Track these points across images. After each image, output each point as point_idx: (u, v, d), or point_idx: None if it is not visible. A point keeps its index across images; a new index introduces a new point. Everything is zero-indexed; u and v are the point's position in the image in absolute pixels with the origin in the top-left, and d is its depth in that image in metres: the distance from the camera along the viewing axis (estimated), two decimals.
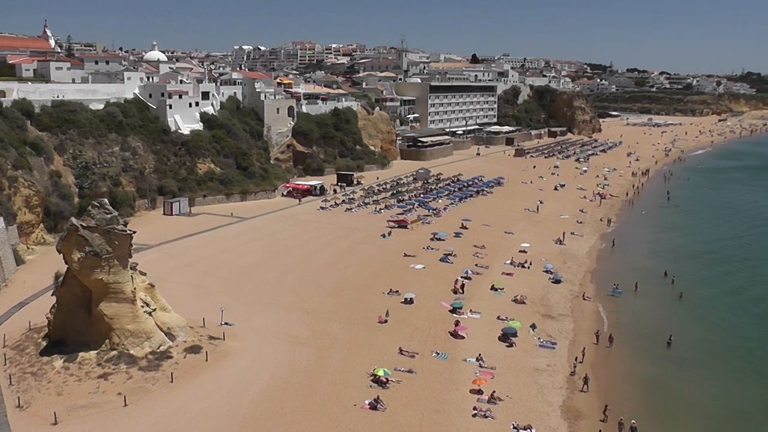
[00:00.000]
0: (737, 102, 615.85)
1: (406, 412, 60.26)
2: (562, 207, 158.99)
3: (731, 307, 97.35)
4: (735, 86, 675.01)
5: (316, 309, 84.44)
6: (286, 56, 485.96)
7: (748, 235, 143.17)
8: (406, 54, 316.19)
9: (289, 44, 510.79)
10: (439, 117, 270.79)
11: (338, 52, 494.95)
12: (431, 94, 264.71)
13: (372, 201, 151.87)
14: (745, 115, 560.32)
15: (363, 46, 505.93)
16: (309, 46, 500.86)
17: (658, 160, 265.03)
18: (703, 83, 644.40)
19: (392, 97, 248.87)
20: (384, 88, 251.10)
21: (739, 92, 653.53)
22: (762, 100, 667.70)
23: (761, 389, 72.31)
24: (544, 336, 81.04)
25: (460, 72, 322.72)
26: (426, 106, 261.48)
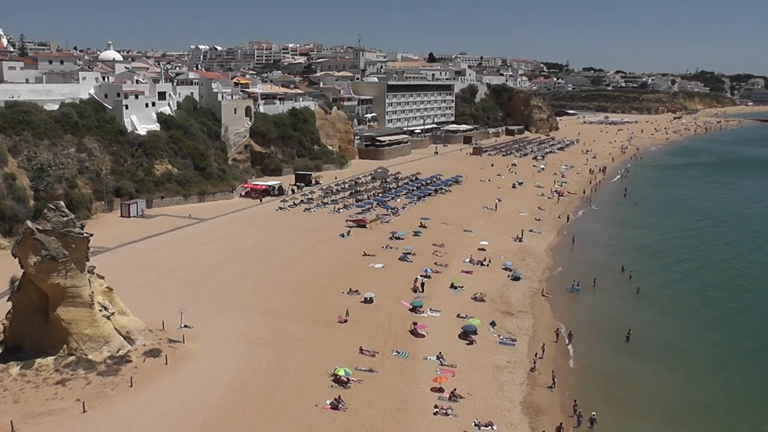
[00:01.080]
0: (692, 100, 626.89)
1: (367, 412, 60.33)
2: (521, 205, 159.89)
3: (688, 301, 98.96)
4: (689, 85, 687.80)
5: (276, 309, 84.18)
6: (242, 56, 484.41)
7: (704, 230, 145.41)
8: (363, 53, 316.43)
9: (246, 44, 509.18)
10: (397, 116, 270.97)
11: (295, 51, 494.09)
12: (389, 93, 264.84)
13: (330, 201, 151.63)
14: (700, 113, 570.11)
15: (320, 45, 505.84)
16: (266, 46, 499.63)
17: (615, 158, 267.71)
18: (658, 82, 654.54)
19: (350, 97, 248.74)
20: (341, 87, 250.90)
21: (693, 91, 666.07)
22: (716, 98, 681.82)
23: (718, 380, 73.72)
24: (504, 333, 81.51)
25: (418, 71, 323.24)
26: (384, 105, 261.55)
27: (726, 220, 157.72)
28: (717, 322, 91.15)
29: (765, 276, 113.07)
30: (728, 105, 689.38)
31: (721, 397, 69.79)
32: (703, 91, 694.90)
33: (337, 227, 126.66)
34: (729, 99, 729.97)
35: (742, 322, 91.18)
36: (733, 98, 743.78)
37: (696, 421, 64.87)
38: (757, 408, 68.04)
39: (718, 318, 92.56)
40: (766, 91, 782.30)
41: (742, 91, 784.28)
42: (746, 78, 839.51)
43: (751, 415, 66.68)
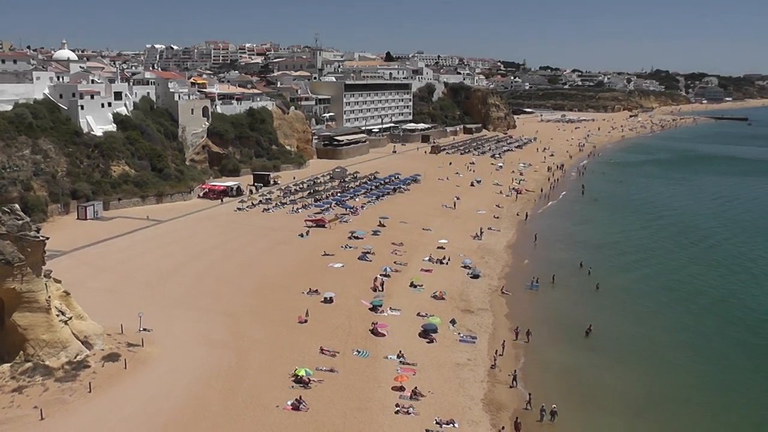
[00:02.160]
0: (647, 98, 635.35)
1: (328, 412, 60.34)
2: (479, 203, 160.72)
3: (647, 296, 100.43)
4: (645, 83, 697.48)
5: (236, 311, 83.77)
6: (199, 56, 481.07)
7: (662, 227, 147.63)
8: (321, 53, 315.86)
9: (203, 44, 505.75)
10: (355, 115, 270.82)
11: (252, 51, 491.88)
12: (346, 93, 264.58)
13: (289, 201, 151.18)
14: (655, 111, 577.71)
15: (277, 45, 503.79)
16: (222, 46, 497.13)
17: (573, 155, 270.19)
18: (614, 80, 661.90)
19: (307, 96, 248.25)
20: (299, 87, 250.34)
21: (648, 89, 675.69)
22: (671, 97, 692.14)
23: (678, 373, 74.89)
24: (464, 331, 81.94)
25: (375, 70, 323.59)
26: (341, 104, 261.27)
27: (683, 216, 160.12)
28: (676, 316, 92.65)
29: (723, 271, 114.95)
30: (683, 103, 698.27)
31: (681, 390, 70.92)
32: (658, 89, 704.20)
33: (296, 227, 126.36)
34: (684, 97, 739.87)
35: (701, 317, 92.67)
36: (687, 96, 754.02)
37: (655, 414, 65.73)
38: (716, 400, 69.23)
39: (677, 312, 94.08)
40: (720, 89, 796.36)
41: (697, 90, 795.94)
42: (700, 77, 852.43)
43: (710, 407, 67.82)
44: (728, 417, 65.90)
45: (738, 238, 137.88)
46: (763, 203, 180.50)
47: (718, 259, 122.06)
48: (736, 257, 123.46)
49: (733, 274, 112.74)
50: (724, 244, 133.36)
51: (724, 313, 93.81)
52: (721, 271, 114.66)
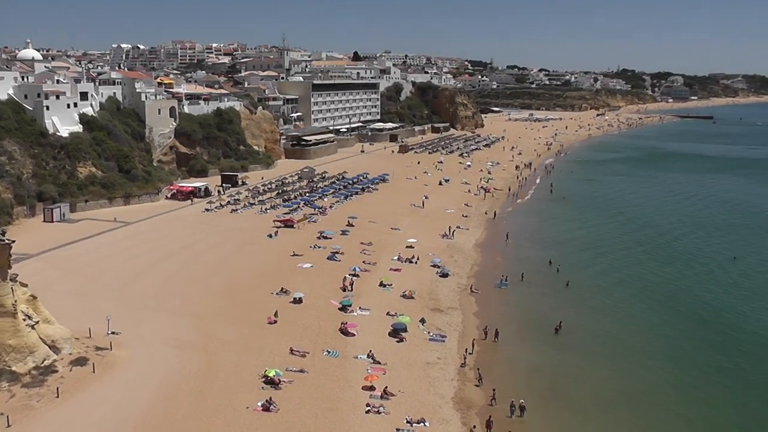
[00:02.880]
0: (614, 97, 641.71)
1: (299, 412, 60.28)
2: (448, 202, 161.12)
3: (616, 292, 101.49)
4: (611, 82, 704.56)
5: (205, 312, 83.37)
6: (166, 55, 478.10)
7: (629, 223, 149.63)
8: (288, 53, 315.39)
9: (169, 43, 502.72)
10: (323, 115, 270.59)
11: (219, 51, 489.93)
12: (314, 93, 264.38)
13: (257, 201, 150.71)
14: (622, 110, 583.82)
15: (244, 45, 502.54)
16: (189, 46, 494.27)
17: (541, 154, 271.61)
18: (581, 80, 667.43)
19: (275, 96, 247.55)
20: (266, 87, 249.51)
21: (615, 88, 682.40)
22: (637, 95, 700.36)
23: (647, 369, 75.78)
24: (433, 330, 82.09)
25: (342, 70, 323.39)
26: (309, 104, 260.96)
27: (650, 213, 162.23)
28: (644, 312, 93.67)
29: (689, 266, 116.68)
30: (649, 102, 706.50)
31: (650, 385, 71.67)
32: (624, 88, 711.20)
33: (265, 228, 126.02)
34: (650, 96, 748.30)
35: (669, 312, 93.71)
36: (654, 95, 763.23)
37: (625, 409, 66.47)
38: (683, 394, 70.10)
39: (645, 309, 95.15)
40: (686, 88, 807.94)
41: (663, 89, 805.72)
42: (666, 76, 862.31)
43: (678, 401, 68.61)
44: (693, 412, 66.77)
45: (703, 235, 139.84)
46: (723, 200, 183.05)
47: (683, 255, 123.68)
48: (699, 253, 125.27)
49: (696, 271, 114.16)
50: (689, 241, 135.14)
51: (690, 310, 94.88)
52: (685, 267, 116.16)
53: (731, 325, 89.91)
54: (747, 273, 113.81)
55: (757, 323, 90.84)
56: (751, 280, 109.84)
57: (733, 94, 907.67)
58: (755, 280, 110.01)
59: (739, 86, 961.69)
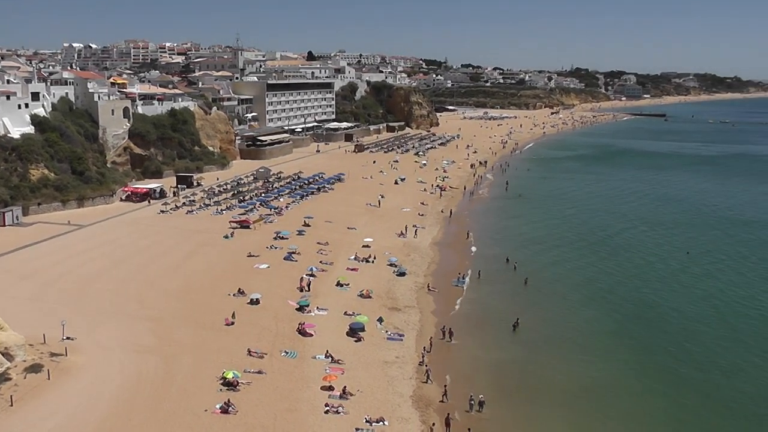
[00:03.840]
0: (568, 96, 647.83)
1: (258, 414, 60.13)
2: (404, 200, 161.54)
3: (574, 289, 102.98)
4: (565, 81, 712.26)
5: (162, 315, 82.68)
6: (118, 55, 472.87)
7: (585, 220, 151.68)
8: (242, 52, 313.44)
9: (122, 42, 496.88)
10: (278, 115, 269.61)
11: (173, 51, 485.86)
12: (269, 93, 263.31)
13: (213, 202, 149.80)
14: (576, 108, 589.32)
15: (198, 45, 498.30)
16: (142, 45, 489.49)
17: (496, 152, 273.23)
18: (535, 78, 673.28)
19: (229, 97, 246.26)
20: (221, 87, 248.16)
21: (569, 87, 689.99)
22: (590, 94, 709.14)
23: (604, 364, 76.80)
24: (391, 329, 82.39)
25: (297, 69, 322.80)
26: (264, 104, 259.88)
27: (606, 209, 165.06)
28: (601, 307, 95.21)
29: (645, 262, 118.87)
30: (603, 100, 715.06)
31: (608, 379, 72.98)
32: (578, 87, 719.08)
33: (221, 229, 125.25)
34: (603, 94, 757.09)
35: (626, 307, 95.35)
36: (607, 94, 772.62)
37: (583, 403, 67.55)
38: (641, 387, 71.21)
39: (603, 303, 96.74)
40: (638, 87, 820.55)
41: (616, 87, 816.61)
42: (619, 74, 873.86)
43: (636, 394, 69.92)
44: (652, 404, 67.78)
45: (658, 231, 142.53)
46: (677, 196, 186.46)
47: (639, 251, 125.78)
48: (654, 249, 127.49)
49: (652, 267, 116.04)
50: (644, 237, 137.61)
51: (646, 305, 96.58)
52: (641, 263, 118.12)
53: (689, 318, 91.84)
54: (700, 267, 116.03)
55: (714, 316, 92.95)
56: (704, 274, 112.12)
57: (685, 92, 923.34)
58: (708, 274, 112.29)
59: (690, 85, 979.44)
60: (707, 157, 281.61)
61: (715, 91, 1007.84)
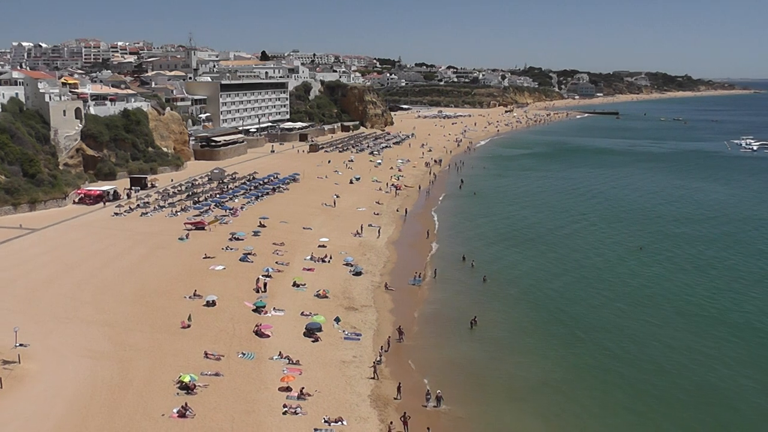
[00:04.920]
0: (521, 94, 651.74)
1: (215, 416, 60.00)
2: (359, 200, 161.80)
3: (531, 285, 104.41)
4: (519, 80, 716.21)
5: (117, 320, 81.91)
6: (69, 54, 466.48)
7: (540, 217, 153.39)
8: (195, 52, 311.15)
9: (73, 42, 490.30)
10: (232, 115, 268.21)
11: (125, 50, 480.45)
12: (222, 93, 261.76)
13: (168, 204, 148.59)
14: (530, 107, 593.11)
15: (150, 44, 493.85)
16: (94, 44, 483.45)
17: (450, 151, 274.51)
18: (488, 77, 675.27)
19: (183, 97, 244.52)
20: (174, 87, 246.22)
21: (522, 85, 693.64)
22: (544, 92, 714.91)
23: (562, 359, 78.08)
24: (348, 328, 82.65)
25: (251, 69, 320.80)
26: (218, 104, 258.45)
27: (560, 205, 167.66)
28: (558, 303, 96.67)
29: (600, 257, 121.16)
30: (556, 99, 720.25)
31: (565, 374, 74.18)
32: (532, 85, 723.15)
33: (176, 231, 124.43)
34: (557, 93, 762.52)
35: (582, 302, 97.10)
36: (560, 92, 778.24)
37: (541, 398, 68.58)
38: (596, 383, 72.56)
39: (559, 299, 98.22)
40: (591, 85, 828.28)
41: (569, 86, 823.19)
42: (572, 73, 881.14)
43: (593, 388, 71.35)
44: (608, 398, 69.17)
45: (611, 226, 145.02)
46: (631, 192, 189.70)
47: (594, 246, 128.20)
48: (608, 244, 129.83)
49: (607, 261, 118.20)
50: (599, 232, 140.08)
51: (602, 300, 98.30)
52: (597, 258, 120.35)
53: (642, 311, 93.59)
54: (653, 263, 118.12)
55: (669, 309, 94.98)
56: (658, 270, 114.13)
57: (637, 90, 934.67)
58: (660, 268, 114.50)
59: (642, 83, 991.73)
60: (659, 154, 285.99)
61: (667, 90, 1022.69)
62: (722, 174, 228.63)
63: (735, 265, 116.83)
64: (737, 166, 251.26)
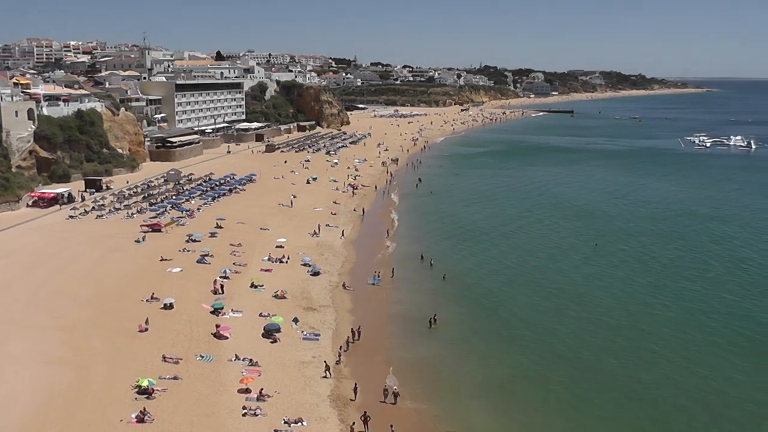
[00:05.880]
0: (477, 93, 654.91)
1: (174, 420, 59.88)
2: (316, 200, 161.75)
3: (487, 282, 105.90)
4: (474, 79, 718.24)
5: (74, 325, 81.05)
6: (21, 54, 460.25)
7: (499, 215, 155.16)
8: (149, 52, 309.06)
9: (24, 41, 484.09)
10: (187, 116, 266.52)
11: (78, 50, 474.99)
12: (178, 93, 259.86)
13: (123, 206, 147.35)
14: (485, 105, 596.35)
15: (104, 43, 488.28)
16: (46, 44, 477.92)
17: (407, 150, 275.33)
18: (444, 76, 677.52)
19: (138, 97, 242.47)
20: (128, 87, 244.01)
21: (478, 84, 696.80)
22: (499, 91, 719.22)
23: (519, 355, 79.15)
24: (307, 329, 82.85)
25: (206, 69, 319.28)
26: (173, 105, 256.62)
27: (517, 203, 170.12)
28: (515, 299, 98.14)
29: (557, 253, 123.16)
30: (512, 97, 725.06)
31: (523, 370, 75.23)
32: (488, 84, 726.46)
33: (132, 233, 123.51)
34: (512, 92, 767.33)
35: (539, 298, 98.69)
36: (516, 91, 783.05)
37: (500, 395, 69.64)
38: (556, 379, 73.39)
39: (516, 296, 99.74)
40: (546, 84, 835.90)
41: (524, 85, 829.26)
42: (527, 72, 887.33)
43: (550, 383, 72.23)
44: (567, 394, 70.15)
45: (567, 223, 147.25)
46: (586, 189, 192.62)
47: (550, 243, 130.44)
48: (564, 240, 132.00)
49: (563, 258, 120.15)
50: (555, 229, 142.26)
51: (558, 295, 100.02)
52: (553, 254, 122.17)
53: (598, 306, 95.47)
54: (607, 257, 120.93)
55: (621, 302, 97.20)
56: (611, 264, 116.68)
57: (592, 89, 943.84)
58: (614, 264, 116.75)
59: (597, 82, 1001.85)
60: (614, 152, 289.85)
61: (621, 89, 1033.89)
62: (675, 171, 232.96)
63: (686, 262, 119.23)
64: (690, 163, 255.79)
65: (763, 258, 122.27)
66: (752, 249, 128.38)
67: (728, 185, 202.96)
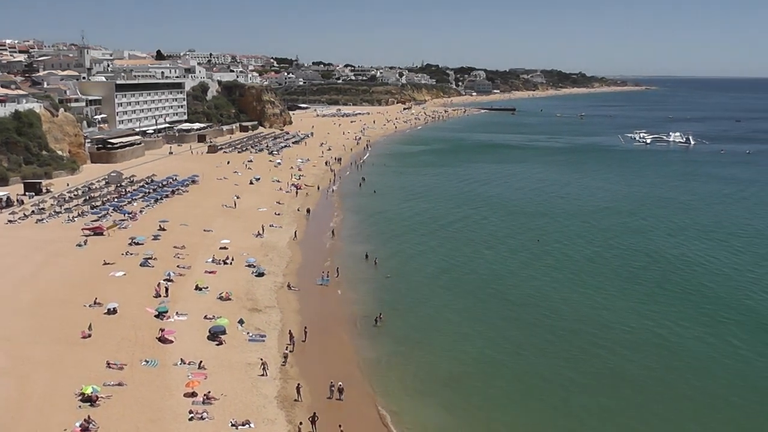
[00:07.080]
0: (419, 91, 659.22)
1: (120, 427, 59.19)
2: (260, 200, 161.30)
3: (432, 280, 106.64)
4: (416, 77, 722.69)
5: (13, 333, 79.03)
6: None
7: (441, 213, 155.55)
8: (88, 51, 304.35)
9: None
10: (128, 116, 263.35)
11: (14, 48, 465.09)
12: (118, 93, 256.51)
13: (64, 209, 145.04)
14: (428, 104, 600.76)
15: (41, 42, 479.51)
16: None
17: (350, 149, 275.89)
18: (386, 75, 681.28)
19: (77, 97, 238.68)
20: (67, 87, 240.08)
21: (420, 83, 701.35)
22: (442, 89, 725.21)
23: (465, 352, 79.73)
24: (252, 330, 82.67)
25: (146, 69, 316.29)
26: (113, 105, 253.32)
27: (461, 201, 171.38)
28: (461, 297, 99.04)
29: (500, 250, 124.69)
30: (454, 95, 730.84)
31: (469, 367, 75.86)
32: (429, 83, 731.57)
33: (73, 237, 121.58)
34: (455, 90, 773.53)
35: (483, 296, 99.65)
36: (458, 89, 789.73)
37: (447, 392, 70.00)
38: (502, 373, 74.58)
39: (462, 293, 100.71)
40: (488, 82, 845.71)
41: (466, 83, 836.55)
42: (469, 70, 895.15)
43: (497, 379, 73.23)
44: (513, 389, 70.94)
45: (511, 220, 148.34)
46: (529, 186, 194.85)
47: (493, 240, 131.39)
48: (507, 238, 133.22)
49: (506, 254, 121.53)
50: (498, 225, 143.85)
51: (502, 292, 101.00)
52: (497, 251, 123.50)
53: (542, 302, 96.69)
54: (549, 253, 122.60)
55: (564, 299, 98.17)
56: (552, 260, 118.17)
57: (533, 87, 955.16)
58: (556, 260, 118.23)
59: (538, 80, 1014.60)
60: (556, 149, 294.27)
61: (562, 87, 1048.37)
62: (616, 167, 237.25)
63: (630, 257, 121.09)
64: (630, 160, 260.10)
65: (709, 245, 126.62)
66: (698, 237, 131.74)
67: (670, 179, 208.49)
